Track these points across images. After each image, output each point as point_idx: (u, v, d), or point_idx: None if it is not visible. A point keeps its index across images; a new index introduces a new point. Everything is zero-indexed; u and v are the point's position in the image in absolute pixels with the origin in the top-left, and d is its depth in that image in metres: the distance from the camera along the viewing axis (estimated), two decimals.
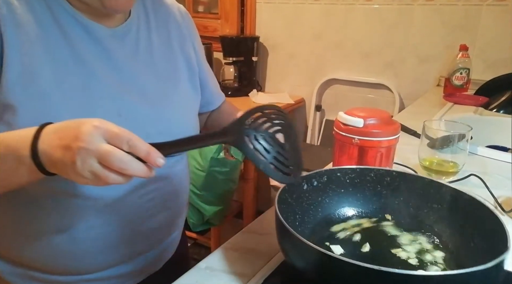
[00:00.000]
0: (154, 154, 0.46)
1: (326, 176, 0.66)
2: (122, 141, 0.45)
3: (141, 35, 0.73)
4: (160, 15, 0.78)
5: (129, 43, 0.70)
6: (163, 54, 0.75)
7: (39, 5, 0.60)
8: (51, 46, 0.60)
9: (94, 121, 0.46)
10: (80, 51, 0.63)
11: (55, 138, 0.47)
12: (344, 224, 0.64)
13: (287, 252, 0.53)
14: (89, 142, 0.44)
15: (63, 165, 0.47)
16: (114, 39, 0.68)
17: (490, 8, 1.76)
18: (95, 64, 0.64)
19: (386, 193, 0.66)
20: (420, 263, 0.56)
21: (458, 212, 0.59)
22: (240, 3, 2.35)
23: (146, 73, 0.71)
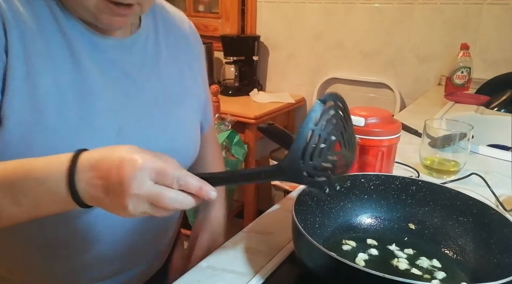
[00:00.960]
0: (206, 188, 0.46)
1: (350, 181, 0.65)
2: (171, 180, 0.45)
3: (149, 46, 0.71)
4: (169, 29, 0.76)
5: (136, 54, 0.68)
6: (171, 68, 0.74)
7: (44, 15, 0.59)
8: (53, 56, 0.59)
9: (135, 160, 0.44)
10: (82, 62, 0.61)
11: (94, 177, 0.45)
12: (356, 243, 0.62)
13: (299, 251, 0.53)
14: (138, 189, 0.43)
15: (110, 209, 0.46)
16: (120, 49, 0.66)
17: (491, 7, 1.76)
18: (97, 77, 0.62)
19: (410, 202, 0.65)
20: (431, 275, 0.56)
21: (483, 226, 0.58)
22: (241, 3, 2.35)
23: (152, 86, 0.69)
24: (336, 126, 0.46)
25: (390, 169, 0.77)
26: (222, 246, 0.64)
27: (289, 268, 0.59)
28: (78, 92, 0.60)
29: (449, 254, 0.60)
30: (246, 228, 0.70)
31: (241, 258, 0.61)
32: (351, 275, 0.44)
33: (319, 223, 0.62)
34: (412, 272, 0.56)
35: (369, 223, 0.66)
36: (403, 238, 0.63)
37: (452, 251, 0.60)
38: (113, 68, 0.64)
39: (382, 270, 0.54)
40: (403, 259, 0.58)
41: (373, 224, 0.66)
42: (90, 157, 0.46)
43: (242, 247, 0.64)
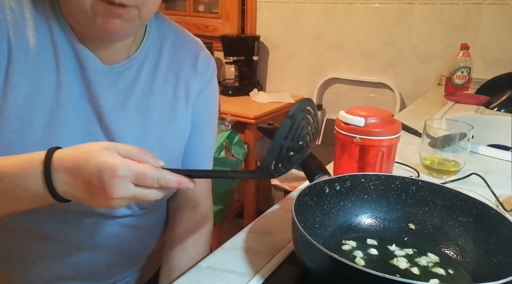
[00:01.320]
0: (184, 181, 0.50)
1: (350, 181, 0.65)
2: (152, 182, 0.47)
3: (142, 76, 0.68)
4: (176, 57, 0.73)
5: (123, 82, 0.66)
6: (162, 105, 0.70)
7: (42, 31, 0.60)
8: (38, 73, 0.59)
9: (113, 166, 0.46)
10: (64, 83, 0.61)
11: (75, 181, 0.48)
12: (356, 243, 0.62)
13: (299, 251, 0.53)
14: (122, 193, 0.46)
15: (95, 205, 0.49)
16: (107, 77, 0.64)
17: (491, 7, 1.76)
18: (73, 102, 0.62)
19: (410, 202, 0.65)
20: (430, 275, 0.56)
21: (483, 226, 0.58)
22: (241, 3, 2.35)
23: (133, 118, 0.67)
24: (303, 131, 0.51)
25: (390, 169, 0.77)
26: (222, 246, 0.64)
27: (289, 268, 0.59)
28: (49, 113, 0.60)
29: (449, 254, 0.60)
30: (246, 228, 0.70)
31: (241, 258, 0.61)
32: (351, 275, 0.44)
33: (319, 223, 0.62)
34: (412, 272, 0.56)
35: (369, 223, 0.66)
36: (403, 238, 0.63)
37: (452, 251, 0.60)
38: (91, 96, 0.63)
39: (382, 270, 0.54)
40: (403, 259, 0.58)
41: (373, 224, 0.66)
42: (64, 161, 0.48)
43: (242, 247, 0.64)
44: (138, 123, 0.68)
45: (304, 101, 0.52)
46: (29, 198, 0.50)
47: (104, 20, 0.57)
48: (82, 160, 0.47)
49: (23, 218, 0.64)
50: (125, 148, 0.49)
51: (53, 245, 0.68)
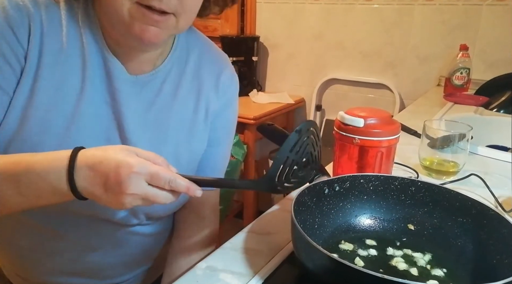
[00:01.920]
0: (193, 187, 0.52)
1: (349, 182, 0.65)
2: (164, 183, 0.50)
3: (165, 88, 0.68)
4: (199, 71, 0.73)
5: (146, 94, 0.67)
6: (184, 114, 0.71)
7: (75, 33, 0.61)
8: (64, 77, 0.60)
9: (130, 164, 0.48)
10: (88, 89, 0.62)
11: (94, 176, 0.49)
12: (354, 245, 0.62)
13: (298, 251, 0.54)
14: (135, 189, 0.48)
15: (107, 204, 0.50)
16: (131, 87, 0.65)
17: (490, 8, 1.76)
18: (96, 107, 0.63)
19: (410, 203, 0.65)
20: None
21: (483, 227, 0.58)
22: (240, 3, 2.35)
23: (152, 130, 0.68)
24: (308, 149, 0.55)
25: (389, 169, 0.77)
26: (221, 247, 0.64)
27: (289, 269, 0.59)
28: (71, 117, 0.61)
29: (448, 254, 0.60)
30: (246, 228, 0.70)
31: (241, 259, 0.61)
32: (350, 276, 0.44)
33: (318, 224, 0.62)
34: (411, 272, 0.56)
35: (368, 223, 0.66)
36: (402, 239, 0.63)
37: (451, 252, 0.60)
38: (118, 103, 0.64)
39: (381, 270, 0.54)
40: (402, 260, 0.58)
41: (372, 224, 0.66)
42: (87, 157, 0.50)
43: (241, 247, 0.64)
44: (156, 135, 0.68)
45: (310, 122, 0.55)
46: (50, 192, 0.51)
47: (141, 27, 0.56)
48: (103, 157, 0.49)
49: (44, 218, 0.67)
50: (143, 152, 0.51)
51: (65, 244, 0.70)
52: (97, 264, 0.74)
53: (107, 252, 0.73)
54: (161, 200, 0.50)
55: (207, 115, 0.74)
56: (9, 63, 0.57)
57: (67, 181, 0.50)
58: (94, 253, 0.72)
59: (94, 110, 0.63)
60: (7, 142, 0.59)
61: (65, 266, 0.72)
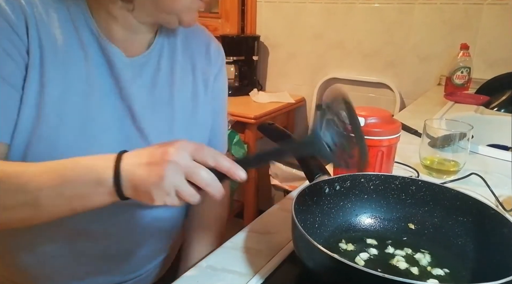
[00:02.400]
0: (236, 168, 0.49)
1: (350, 181, 0.65)
2: (207, 157, 0.48)
3: (162, 65, 0.70)
4: (189, 44, 0.75)
5: (147, 74, 0.68)
6: (184, 94, 0.72)
7: (67, 28, 0.61)
8: (68, 69, 0.61)
9: (176, 140, 0.48)
10: (93, 78, 0.62)
11: (139, 158, 0.49)
12: (354, 245, 0.62)
13: (298, 250, 0.54)
14: (179, 158, 0.47)
15: (146, 182, 0.47)
16: (131, 69, 0.66)
17: (491, 7, 1.76)
18: (104, 95, 0.63)
19: (410, 202, 0.65)
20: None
21: (483, 226, 0.58)
22: (241, 3, 2.35)
23: (161, 109, 0.69)
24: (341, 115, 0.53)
25: (390, 168, 0.77)
26: (222, 246, 0.65)
27: (289, 268, 0.59)
28: (83, 108, 0.61)
29: (448, 254, 0.60)
30: (246, 228, 0.70)
31: (241, 258, 0.61)
32: (351, 275, 0.44)
33: (319, 223, 0.62)
34: (412, 272, 0.56)
35: (369, 222, 0.66)
36: (403, 238, 0.63)
37: (451, 251, 0.60)
38: (120, 88, 0.65)
39: (381, 269, 0.54)
40: (403, 259, 0.58)
41: (373, 223, 0.66)
42: (135, 150, 0.50)
43: (242, 247, 0.64)
44: (165, 114, 0.70)
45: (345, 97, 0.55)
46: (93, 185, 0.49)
47: (191, 16, 0.62)
48: (155, 145, 0.50)
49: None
50: None
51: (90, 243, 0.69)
52: (120, 257, 0.73)
53: (129, 242, 0.73)
54: (202, 175, 0.47)
55: (206, 86, 0.76)
56: (14, 59, 0.57)
57: (113, 166, 0.48)
58: (117, 246, 0.71)
59: (103, 100, 0.63)
60: (25, 144, 0.58)
61: (91, 266, 0.71)
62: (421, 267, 0.57)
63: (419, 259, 0.58)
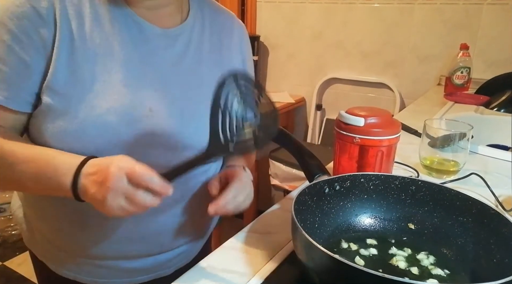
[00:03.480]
0: (165, 188, 0.55)
1: (350, 181, 0.65)
2: (139, 179, 0.54)
3: (193, 38, 0.74)
4: (215, 24, 0.79)
5: (180, 44, 0.72)
6: (212, 62, 0.76)
7: (100, 5, 0.65)
8: (99, 42, 0.64)
9: (120, 161, 0.54)
10: (128, 48, 0.66)
11: (92, 173, 0.56)
12: (356, 245, 0.62)
13: (298, 250, 0.54)
14: (117, 184, 0.53)
15: (95, 199, 0.55)
16: (166, 39, 0.70)
17: (491, 7, 1.76)
18: (139, 64, 0.67)
19: (410, 202, 0.65)
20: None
21: (483, 226, 0.58)
22: (241, 3, 2.35)
23: (190, 78, 0.72)
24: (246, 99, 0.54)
25: (389, 168, 0.77)
26: (221, 246, 0.65)
27: (289, 268, 0.59)
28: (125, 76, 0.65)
29: (448, 254, 0.60)
30: (246, 228, 0.70)
31: (241, 258, 0.61)
32: (351, 275, 0.44)
33: (319, 223, 0.62)
34: (411, 271, 0.56)
35: (369, 222, 0.66)
36: (403, 238, 0.63)
37: (451, 251, 0.60)
38: (155, 57, 0.69)
39: (381, 269, 0.54)
40: (403, 259, 0.58)
41: (373, 223, 0.66)
42: (96, 160, 0.58)
43: (241, 247, 0.64)
44: (193, 80, 0.72)
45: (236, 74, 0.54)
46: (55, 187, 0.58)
47: None
48: (107, 158, 0.56)
49: None
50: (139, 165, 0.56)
51: None
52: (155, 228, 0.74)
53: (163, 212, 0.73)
54: (138, 199, 0.54)
55: (231, 59, 0.80)
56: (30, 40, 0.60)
57: (72, 176, 0.56)
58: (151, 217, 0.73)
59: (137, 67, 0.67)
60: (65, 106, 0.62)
61: (127, 231, 0.72)
62: (421, 267, 0.57)
63: (419, 259, 0.58)
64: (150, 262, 0.77)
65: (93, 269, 0.76)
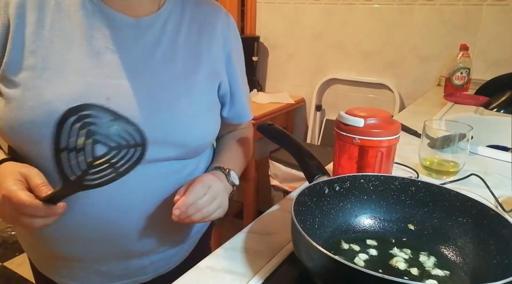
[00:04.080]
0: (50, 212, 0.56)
1: (349, 182, 0.65)
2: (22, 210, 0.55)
3: (168, 29, 0.73)
4: (197, 16, 0.77)
5: (153, 34, 0.71)
6: (187, 55, 0.74)
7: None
8: (66, 31, 0.64)
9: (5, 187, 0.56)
10: (93, 38, 0.66)
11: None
12: (356, 245, 0.62)
13: (298, 251, 0.54)
14: (4, 210, 0.57)
15: None
16: (136, 29, 0.69)
17: (490, 8, 1.76)
18: (107, 53, 0.66)
19: (410, 203, 0.65)
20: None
21: (483, 227, 0.57)
22: (240, 3, 2.35)
23: (162, 70, 0.71)
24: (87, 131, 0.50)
25: (389, 169, 0.77)
26: (221, 246, 0.65)
27: (289, 269, 0.59)
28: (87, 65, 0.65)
29: (448, 254, 0.60)
30: (246, 229, 0.70)
31: (241, 259, 0.61)
32: (351, 276, 0.44)
33: (319, 224, 0.62)
34: (411, 272, 0.56)
35: (369, 223, 0.66)
36: (402, 239, 0.63)
37: (451, 252, 0.60)
38: (124, 47, 0.68)
39: (381, 270, 0.54)
40: (402, 260, 0.58)
41: (373, 224, 0.66)
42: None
43: (241, 247, 0.64)
44: (165, 71, 0.71)
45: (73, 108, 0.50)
46: None
47: None
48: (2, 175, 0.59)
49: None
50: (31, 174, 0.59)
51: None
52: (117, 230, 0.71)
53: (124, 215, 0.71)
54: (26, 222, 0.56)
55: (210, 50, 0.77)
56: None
57: None
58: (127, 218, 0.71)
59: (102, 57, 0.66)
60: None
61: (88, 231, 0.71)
62: (421, 267, 0.57)
63: (419, 260, 0.58)
64: (125, 267, 0.76)
65: (70, 271, 0.76)
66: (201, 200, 0.67)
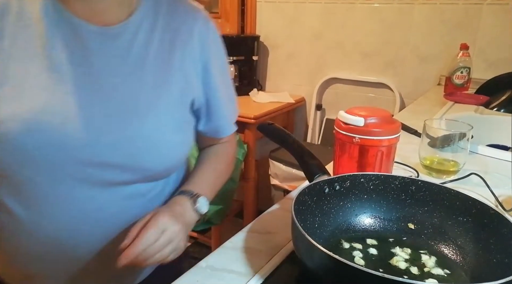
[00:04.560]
0: None
1: (349, 181, 0.65)
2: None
3: (139, 38, 0.67)
4: (171, 22, 0.71)
5: (121, 44, 0.65)
6: (157, 65, 0.68)
7: (30, 3, 0.61)
8: (24, 45, 0.60)
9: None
10: (57, 49, 0.61)
11: None
12: (357, 244, 0.62)
13: (298, 250, 0.54)
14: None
15: None
16: (103, 38, 0.64)
17: (491, 7, 1.76)
18: (68, 66, 0.61)
19: (410, 202, 0.65)
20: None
21: (483, 226, 0.58)
22: (241, 3, 2.35)
23: (131, 81, 0.66)
24: None
25: (389, 168, 0.77)
26: (221, 246, 0.65)
27: (289, 268, 0.59)
28: (46, 80, 0.60)
29: (448, 254, 0.60)
30: (246, 228, 0.70)
31: (241, 258, 0.61)
32: (351, 275, 0.44)
33: (319, 223, 0.62)
34: (411, 271, 0.56)
35: (369, 222, 0.66)
36: (403, 238, 0.63)
37: (451, 251, 0.60)
38: (88, 59, 0.63)
39: (381, 269, 0.54)
40: (403, 259, 0.58)
41: (373, 223, 0.66)
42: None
43: (241, 247, 0.64)
44: (130, 88, 0.66)
45: None
46: None
47: None
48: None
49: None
50: None
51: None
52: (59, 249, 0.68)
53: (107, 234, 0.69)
54: None
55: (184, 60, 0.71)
56: None
57: None
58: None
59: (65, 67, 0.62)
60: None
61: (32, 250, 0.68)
62: (421, 267, 0.57)
63: (418, 259, 0.58)
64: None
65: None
66: (152, 247, 0.61)
